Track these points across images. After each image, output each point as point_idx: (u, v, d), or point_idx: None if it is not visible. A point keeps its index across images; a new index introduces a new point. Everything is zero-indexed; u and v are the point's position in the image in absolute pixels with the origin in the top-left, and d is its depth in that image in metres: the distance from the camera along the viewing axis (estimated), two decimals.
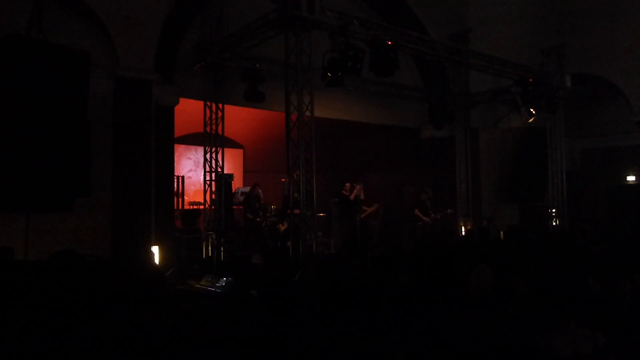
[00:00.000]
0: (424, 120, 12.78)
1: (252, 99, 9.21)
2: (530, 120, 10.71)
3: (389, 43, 7.45)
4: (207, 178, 9.02)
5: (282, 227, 8.22)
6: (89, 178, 6.30)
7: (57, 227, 7.25)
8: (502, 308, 3.75)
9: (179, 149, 12.44)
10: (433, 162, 12.73)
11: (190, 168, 13.11)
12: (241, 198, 11.66)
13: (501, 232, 10.59)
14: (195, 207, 10.81)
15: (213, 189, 8.97)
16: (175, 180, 9.96)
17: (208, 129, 8.98)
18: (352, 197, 10.13)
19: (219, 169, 9.06)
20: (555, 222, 11.38)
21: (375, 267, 5.59)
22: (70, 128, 6.06)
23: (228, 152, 9.73)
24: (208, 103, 8.96)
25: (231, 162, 13.36)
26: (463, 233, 11.65)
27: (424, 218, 10.93)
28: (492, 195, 12.59)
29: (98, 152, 7.42)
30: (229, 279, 6.50)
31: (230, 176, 9.31)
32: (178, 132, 9.83)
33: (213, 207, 8.93)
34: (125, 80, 7.98)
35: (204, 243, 8.77)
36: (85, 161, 6.23)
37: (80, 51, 6.25)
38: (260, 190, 10.87)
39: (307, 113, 7.12)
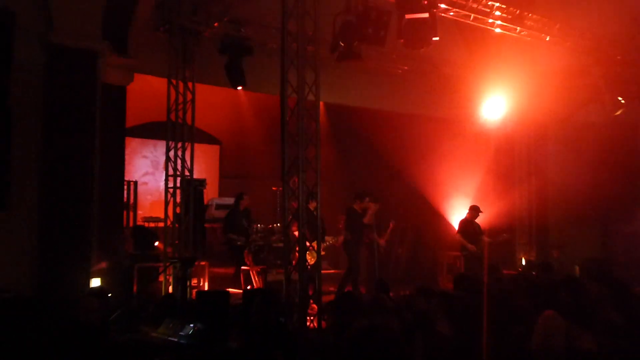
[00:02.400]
0: (470, 110, 12.78)
1: (235, 78, 9.23)
2: (618, 112, 10.67)
3: (425, 1, 7.45)
4: (170, 184, 9.03)
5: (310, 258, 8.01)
6: (5, 184, 6.29)
7: None
8: None
9: (132, 144, 12.48)
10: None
11: (147, 170, 13.17)
12: (216, 212, 11.65)
13: (576, 267, 10.54)
14: (152, 224, 10.82)
15: (178, 199, 8.98)
16: (126, 186, 9.97)
17: (173, 116, 9.01)
18: (366, 219, 10.09)
19: (187, 172, 9.07)
20: None
21: (400, 310, 5.57)
22: None
23: (200, 149, 9.76)
24: (173, 81, 9.00)
25: (203, 163, 13.38)
26: (523, 266, 11.60)
27: (469, 246, 10.82)
28: (564, 214, 12.55)
29: (22, 147, 7.43)
30: (199, 325, 6.50)
31: (201, 182, 9.31)
32: (131, 120, 9.86)
33: (177, 224, 8.93)
34: (61, 49, 8.00)
35: (164, 275, 8.76)
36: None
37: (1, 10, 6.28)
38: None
39: (311, 97, 7.12)
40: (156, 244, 9.78)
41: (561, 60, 11.60)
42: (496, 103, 12.21)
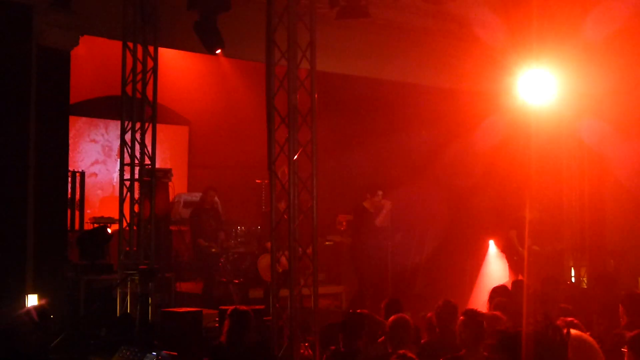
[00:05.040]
0: (505, 83, 12.75)
1: (210, 40, 9.19)
2: None
3: None
4: (127, 176, 9.03)
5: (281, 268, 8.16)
6: None
7: None
8: None
9: (78, 125, 12.45)
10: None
11: (97, 158, 13.14)
12: (184, 211, 11.64)
13: (639, 279, 10.62)
14: (103, 225, 10.80)
15: (136, 195, 8.97)
16: (70, 179, 9.95)
17: (129, 89, 8.99)
18: (379, 221, 10.09)
19: (147, 161, 9.07)
20: None
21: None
22: None
23: (164, 130, 9.73)
24: (130, 45, 8.98)
25: (169, 150, 13.37)
26: (572, 279, 11.67)
27: (520, 249, 10.91)
28: (624, 214, 12.57)
29: None
30: (163, 354, 6.52)
31: (166, 173, 9.33)
32: (77, 95, 9.80)
33: (135, 226, 8.93)
34: None
35: (119, 290, 8.78)
36: None
37: None
38: (217, 199, 10.89)
39: (305, 63, 7.11)
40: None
41: (623, 20, 11.59)
42: (539, 73, 12.21)
